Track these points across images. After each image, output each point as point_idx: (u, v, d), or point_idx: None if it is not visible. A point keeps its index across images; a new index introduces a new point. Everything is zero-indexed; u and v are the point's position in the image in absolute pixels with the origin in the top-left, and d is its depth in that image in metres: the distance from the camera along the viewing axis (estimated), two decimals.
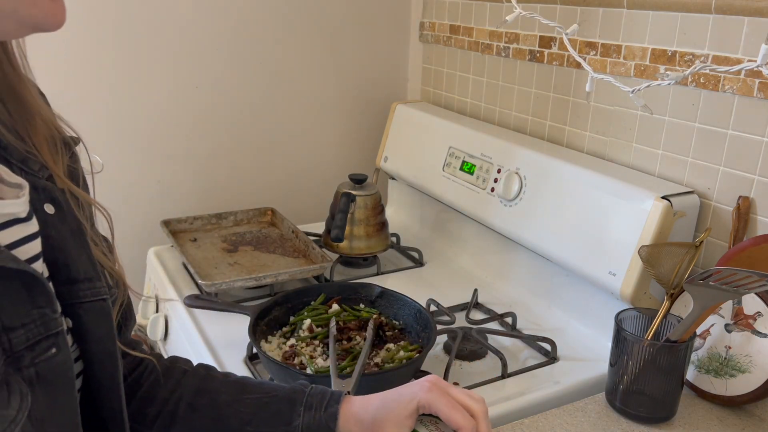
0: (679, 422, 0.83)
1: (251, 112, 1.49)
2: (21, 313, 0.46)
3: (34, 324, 0.46)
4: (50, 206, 0.53)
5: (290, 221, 1.36)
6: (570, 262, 1.04)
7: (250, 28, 1.43)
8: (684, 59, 0.97)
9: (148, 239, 1.40)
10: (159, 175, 1.44)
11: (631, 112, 1.07)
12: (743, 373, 0.83)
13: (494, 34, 1.34)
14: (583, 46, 1.13)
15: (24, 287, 0.46)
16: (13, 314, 0.45)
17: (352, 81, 1.58)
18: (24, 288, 0.46)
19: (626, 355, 0.83)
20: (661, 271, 0.89)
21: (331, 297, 1.04)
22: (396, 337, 0.98)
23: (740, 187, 0.93)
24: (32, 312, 0.46)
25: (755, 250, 0.86)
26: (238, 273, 1.18)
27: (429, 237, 1.44)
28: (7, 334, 0.44)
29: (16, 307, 0.45)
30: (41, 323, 0.47)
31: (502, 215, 1.17)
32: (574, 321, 1.08)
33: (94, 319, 0.54)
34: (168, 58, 1.37)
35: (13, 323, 0.45)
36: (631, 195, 0.96)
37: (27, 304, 0.46)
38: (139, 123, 1.39)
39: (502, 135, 1.25)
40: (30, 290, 0.46)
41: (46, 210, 0.52)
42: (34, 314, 0.46)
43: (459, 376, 0.95)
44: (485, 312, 1.13)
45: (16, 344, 0.45)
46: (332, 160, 1.62)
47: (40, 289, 0.47)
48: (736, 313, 0.84)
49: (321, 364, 0.88)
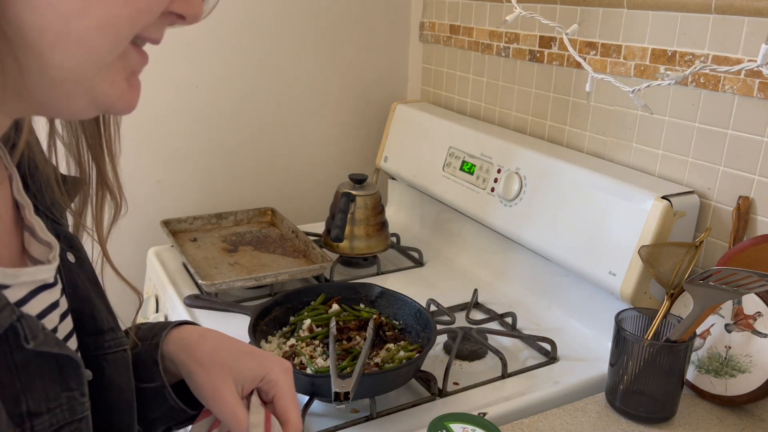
0: (679, 422, 0.83)
1: (251, 112, 1.49)
2: (50, 396, 0.43)
3: (60, 409, 0.44)
4: (71, 254, 0.51)
5: (290, 221, 1.36)
6: (570, 262, 1.04)
7: (250, 28, 1.43)
8: (684, 59, 0.97)
9: (148, 239, 1.40)
10: (159, 175, 1.44)
11: (631, 112, 1.07)
12: (743, 373, 0.83)
13: (494, 34, 1.34)
14: (583, 46, 1.13)
15: (57, 368, 0.43)
16: (41, 398, 0.42)
17: (352, 81, 1.58)
18: (57, 369, 0.43)
19: (626, 355, 0.83)
20: (661, 271, 0.89)
21: (331, 297, 1.04)
22: (396, 337, 0.98)
23: (740, 187, 0.93)
24: (61, 396, 0.44)
25: (755, 250, 0.86)
26: (238, 273, 1.18)
27: (429, 237, 1.44)
28: (30, 420, 0.42)
29: (46, 390, 0.43)
30: (68, 408, 0.44)
31: (502, 215, 1.17)
32: (574, 321, 1.08)
33: (116, 370, 0.53)
34: (168, 58, 1.37)
35: (40, 408, 0.42)
36: (631, 195, 0.96)
37: (57, 386, 0.43)
38: (139, 123, 1.39)
39: (502, 135, 1.25)
40: (63, 371, 0.44)
41: (69, 259, 0.50)
42: (63, 398, 0.44)
43: (459, 376, 0.95)
44: (485, 312, 1.13)
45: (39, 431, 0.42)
46: (332, 160, 1.62)
47: (74, 371, 0.45)
48: (736, 313, 0.84)
49: (321, 364, 0.88)
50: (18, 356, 0.41)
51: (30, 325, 0.41)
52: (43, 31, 0.35)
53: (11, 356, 0.40)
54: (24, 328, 0.40)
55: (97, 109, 0.41)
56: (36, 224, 0.47)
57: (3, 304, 0.38)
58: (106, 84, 0.40)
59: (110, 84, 0.40)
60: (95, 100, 0.40)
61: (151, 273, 1.30)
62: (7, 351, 0.40)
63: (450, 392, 0.90)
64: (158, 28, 0.41)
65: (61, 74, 0.37)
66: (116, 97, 0.41)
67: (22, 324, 0.40)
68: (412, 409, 0.87)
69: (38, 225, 0.47)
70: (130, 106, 0.42)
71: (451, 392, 0.90)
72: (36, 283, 0.45)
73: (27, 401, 0.42)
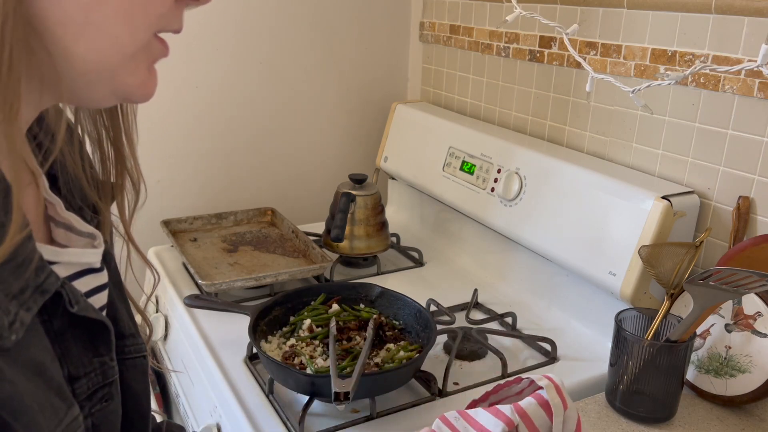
0: (679, 422, 0.83)
1: (251, 112, 1.49)
2: (84, 362, 0.45)
3: (95, 373, 0.46)
4: None
5: (290, 221, 1.36)
6: (570, 262, 1.04)
7: (250, 27, 1.43)
8: (684, 59, 0.97)
9: (148, 239, 1.39)
10: (159, 175, 1.44)
11: (631, 112, 1.07)
12: (743, 373, 0.83)
13: (494, 34, 1.34)
14: (583, 46, 1.13)
15: (89, 335, 0.45)
16: (78, 363, 0.44)
17: (352, 81, 1.58)
18: (89, 336, 0.45)
19: (626, 355, 0.83)
20: (661, 271, 0.89)
21: (331, 297, 1.04)
22: (396, 337, 0.98)
23: (740, 187, 0.93)
24: (93, 361, 0.46)
25: (755, 250, 0.86)
26: (238, 273, 1.18)
27: (429, 237, 1.44)
28: (71, 384, 0.44)
29: (81, 356, 0.45)
30: (100, 372, 0.46)
31: (502, 215, 1.17)
32: (574, 321, 1.08)
33: (134, 376, 0.53)
34: (168, 57, 1.37)
35: (78, 373, 0.44)
36: (631, 195, 0.96)
37: (90, 352, 0.45)
38: (139, 123, 1.38)
39: (502, 135, 1.25)
40: (94, 338, 0.46)
41: None
42: (95, 363, 0.46)
43: (459, 376, 0.95)
44: (485, 312, 1.13)
45: (79, 394, 0.44)
46: (332, 160, 1.62)
47: (105, 338, 0.46)
48: (736, 313, 0.84)
49: (321, 364, 0.88)
50: (56, 323, 0.42)
51: (72, 291, 0.43)
52: (66, 24, 0.37)
53: (51, 324, 0.42)
54: (68, 293, 0.42)
55: (117, 97, 0.42)
56: (72, 219, 0.49)
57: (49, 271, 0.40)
58: (128, 73, 0.41)
59: (131, 73, 0.41)
60: (116, 90, 0.41)
61: None
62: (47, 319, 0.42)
63: (450, 392, 0.90)
64: (176, 15, 0.42)
65: (86, 66, 0.39)
66: (136, 86, 0.42)
67: (66, 290, 0.42)
68: (412, 409, 0.87)
69: (74, 219, 0.49)
70: (148, 94, 0.43)
71: (451, 392, 0.90)
72: (81, 266, 0.47)
73: (68, 366, 0.43)
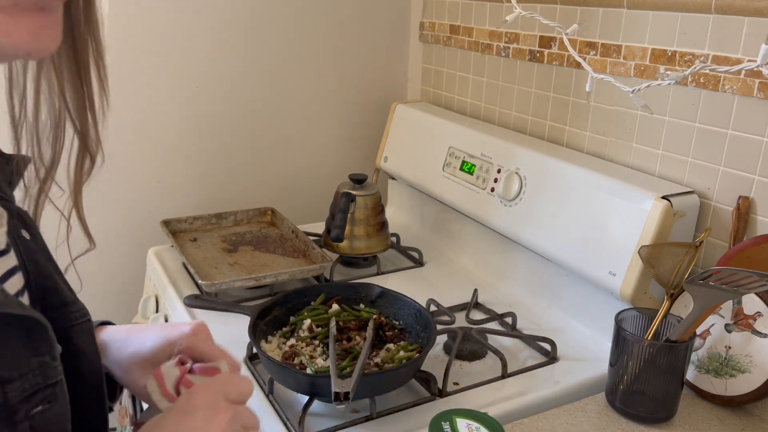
0: (679, 422, 0.83)
1: (251, 112, 1.49)
2: (21, 362, 0.42)
3: (33, 374, 0.43)
4: (25, 232, 0.50)
5: (290, 221, 1.36)
6: (570, 262, 1.04)
7: (250, 28, 1.43)
8: (684, 59, 0.97)
9: (148, 239, 1.40)
10: (159, 175, 1.44)
11: (631, 112, 1.07)
12: (743, 373, 0.83)
13: (494, 34, 1.34)
14: (583, 46, 1.13)
15: (25, 333, 0.42)
16: (12, 365, 0.41)
17: (352, 81, 1.58)
18: (25, 334, 0.42)
19: (626, 355, 0.83)
20: (661, 271, 0.89)
21: (331, 297, 1.04)
22: (396, 337, 0.98)
23: (740, 187, 0.93)
24: (32, 361, 0.43)
25: (755, 250, 0.86)
26: (238, 273, 1.18)
27: (429, 237, 1.44)
28: (2, 387, 0.41)
29: (15, 356, 0.42)
30: (39, 372, 0.43)
31: (502, 215, 1.17)
32: (574, 321, 1.08)
33: (85, 340, 0.53)
34: (168, 58, 1.37)
35: (11, 375, 0.41)
36: (631, 195, 0.96)
37: (27, 351, 0.43)
38: (139, 123, 1.39)
39: (502, 135, 1.25)
40: (31, 336, 0.43)
41: (24, 236, 0.49)
42: (34, 363, 0.43)
43: (459, 376, 0.95)
44: (485, 312, 1.13)
45: (12, 397, 0.41)
46: (332, 160, 1.62)
47: (42, 335, 0.44)
48: (736, 313, 0.84)
49: (321, 364, 0.88)
50: None
51: None
52: None
53: None
54: None
55: None
56: None
57: None
58: None
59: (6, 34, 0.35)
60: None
61: (151, 273, 1.30)
62: None
63: (450, 392, 0.90)
64: None
65: None
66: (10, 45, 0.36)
67: None
68: (412, 409, 0.87)
69: None
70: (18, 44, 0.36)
71: (451, 392, 0.90)
72: None
73: None
